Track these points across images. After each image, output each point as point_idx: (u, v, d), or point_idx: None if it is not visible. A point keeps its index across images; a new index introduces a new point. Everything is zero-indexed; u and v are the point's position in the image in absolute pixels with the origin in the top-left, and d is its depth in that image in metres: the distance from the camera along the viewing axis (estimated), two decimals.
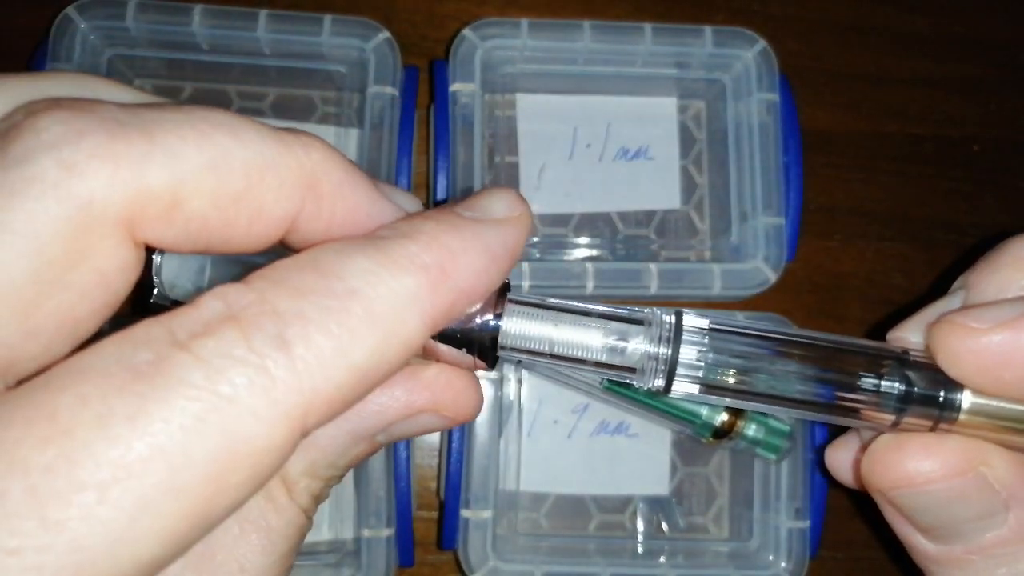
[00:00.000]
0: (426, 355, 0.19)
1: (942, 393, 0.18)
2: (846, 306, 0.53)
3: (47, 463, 0.12)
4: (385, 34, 0.47)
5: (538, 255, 0.51)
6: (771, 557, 0.48)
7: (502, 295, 0.18)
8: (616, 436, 0.51)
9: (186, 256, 0.20)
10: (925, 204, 0.55)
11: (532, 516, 0.51)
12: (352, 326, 0.14)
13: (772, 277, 0.47)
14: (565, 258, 0.52)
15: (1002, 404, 0.18)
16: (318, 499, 0.19)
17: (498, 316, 0.18)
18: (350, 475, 0.47)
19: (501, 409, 0.48)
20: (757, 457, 0.49)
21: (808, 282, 0.54)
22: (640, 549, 0.50)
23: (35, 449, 0.12)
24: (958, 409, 0.18)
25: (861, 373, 0.18)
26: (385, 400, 0.18)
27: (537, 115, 0.53)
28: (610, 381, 0.34)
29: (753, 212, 0.48)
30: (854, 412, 0.18)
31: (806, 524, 0.47)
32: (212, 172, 0.14)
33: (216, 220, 0.15)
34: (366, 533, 0.44)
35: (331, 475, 0.19)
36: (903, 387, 0.18)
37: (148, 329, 0.14)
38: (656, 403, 0.40)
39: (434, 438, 0.50)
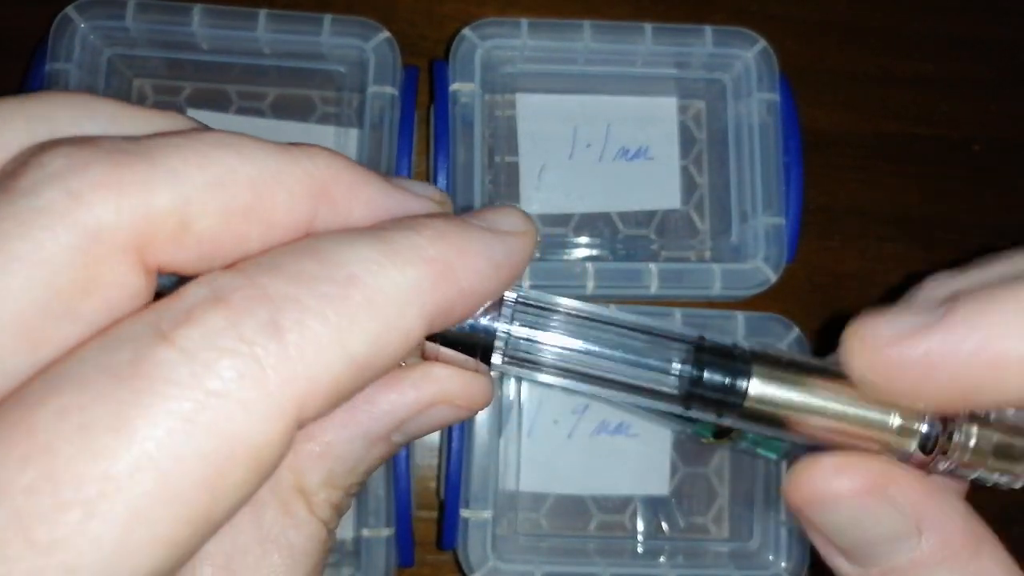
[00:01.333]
0: (427, 359, 0.19)
1: (728, 379, 0.19)
2: (846, 306, 0.53)
3: (28, 483, 0.12)
4: (385, 34, 0.47)
5: (538, 255, 0.51)
6: (771, 557, 0.48)
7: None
8: (616, 436, 0.51)
9: None
10: (925, 204, 0.55)
11: (532, 516, 0.51)
12: (351, 314, 0.14)
13: (772, 277, 0.47)
14: (565, 258, 0.52)
15: (784, 393, 0.19)
16: (339, 510, 0.18)
17: (496, 318, 0.18)
18: None
19: (501, 409, 0.48)
20: (757, 457, 0.49)
21: (808, 282, 0.54)
22: (640, 549, 0.50)
23: (15, 470, 0.12)
24: (744, 395, 0.19)
25: (655, 355, 0.19)
26: (395, 398, 0.18)
27: (537, 115, 0.53)
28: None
29: (753, 212, 0.48)
30: (648, 392, 0.19)
31: None
32: (218, 189, 0.14)
33: (228, 238, 0.14)
34: (366, 533, 0.44)
35: (351, 483, 0.18)
36: (694, 371, 0.19)
37: (129, 325, 0.13)
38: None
39: (434, 438, 0.50)
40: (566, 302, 0.19)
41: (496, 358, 0.18)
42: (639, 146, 0.53)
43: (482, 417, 0.46)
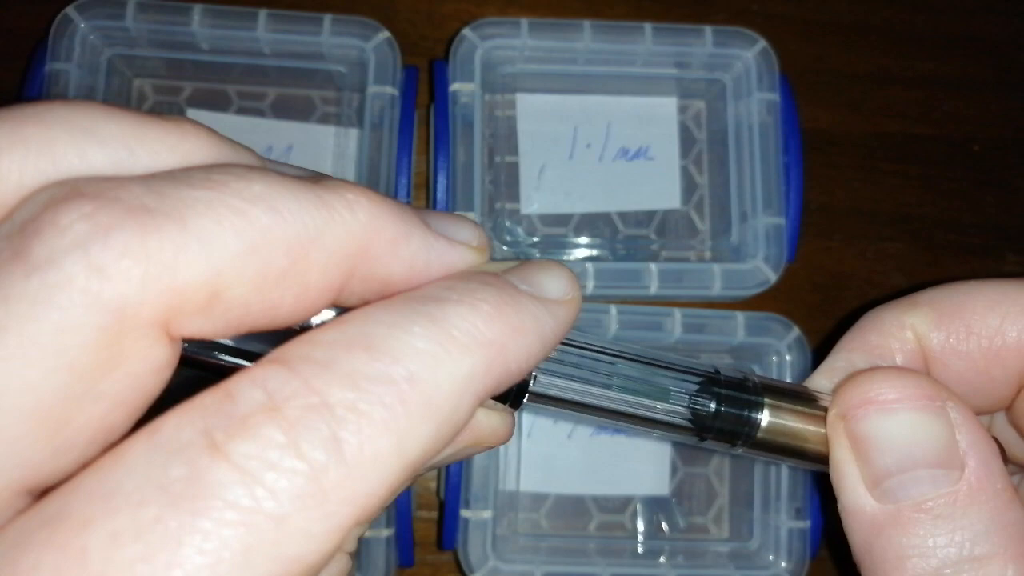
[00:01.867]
0: None
1: (745, 411, 0.20)
2: (846, 306, 0.53)
3: None
4: (385, 34, 0.47)
5: (538, 255, 0.51)
6: (771, 557, 0.48)
7: None
8: (616, 436, 0.51)
9: None
10: (925, 204, 0.55)
11: (532, 516, 0.51)
12: (409, 419, 0.13)
13: (772, 277, 0.47)
14: (565, 258, 0.52)
15: (794, 424, 0.21)
16: (360, 537, 0.18)
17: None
18: None
19: None
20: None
21: (808, 282, 0.54)
22: (640, 549, 0.50)
23: None
24: (757, 427, 0.20)
25: (674, 389, 0.20)
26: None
27: (537, 115, 0.53)
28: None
29: (753, 212, 0.48)
30: (664, 425, 0.20)
31: (806, 524, 0.47)
32: (252, 257, 0.13)
33: (259, 304, 0.13)
34: (366, 533, 0.44)
35: (377, 516, 0.18)
36: (708, 405, 0.20)
37: (178, 428, 0.12)
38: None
39: None
40: (587, 339, 0.20)
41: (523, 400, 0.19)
42: (639, 146, 0.53)
43: None
